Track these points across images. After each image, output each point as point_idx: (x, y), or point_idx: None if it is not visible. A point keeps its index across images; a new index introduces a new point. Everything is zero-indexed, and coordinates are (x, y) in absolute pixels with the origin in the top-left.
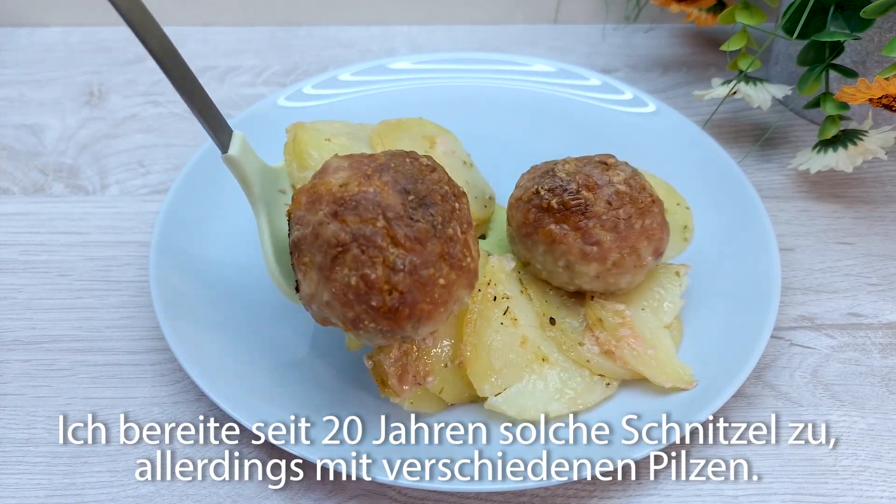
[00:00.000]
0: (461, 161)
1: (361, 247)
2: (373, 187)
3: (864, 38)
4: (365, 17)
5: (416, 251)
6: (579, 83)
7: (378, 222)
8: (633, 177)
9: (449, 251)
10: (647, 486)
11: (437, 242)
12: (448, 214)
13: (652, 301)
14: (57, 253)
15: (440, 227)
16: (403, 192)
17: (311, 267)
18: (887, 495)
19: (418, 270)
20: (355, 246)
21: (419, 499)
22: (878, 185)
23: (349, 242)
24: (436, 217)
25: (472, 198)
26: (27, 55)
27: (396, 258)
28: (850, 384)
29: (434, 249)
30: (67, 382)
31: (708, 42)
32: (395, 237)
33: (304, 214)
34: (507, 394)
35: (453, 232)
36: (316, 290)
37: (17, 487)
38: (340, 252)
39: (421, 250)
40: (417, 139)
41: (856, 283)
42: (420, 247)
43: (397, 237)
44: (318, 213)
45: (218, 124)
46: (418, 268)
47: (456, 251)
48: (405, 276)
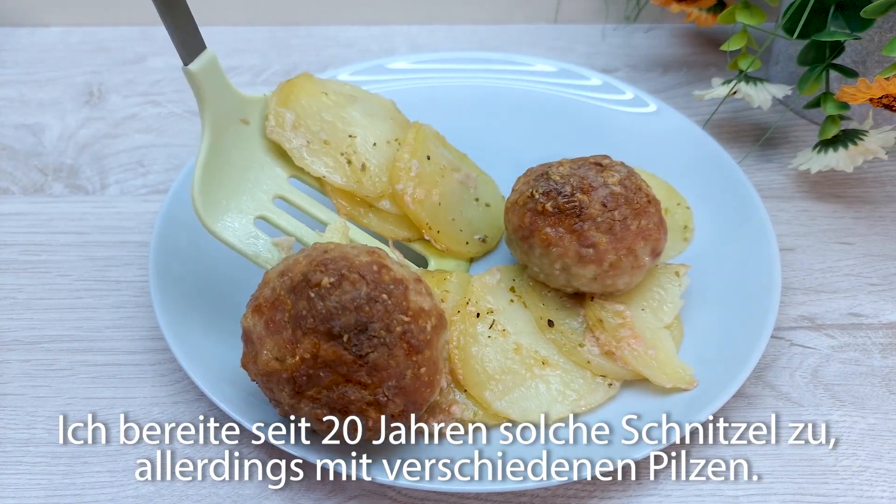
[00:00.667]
0: (472, 198)
1: (342, 411)
2: (307, 354)
3: (865, 37)
4: (365, 16)
5: (385, 377)
6: (580, 83)
7: (339, 383)
8: (628, 177)
9: (409, 343)
10: (647, 486)
11: (396, 350)
12: (385, 315)
13: (652, 301)
14: (57, 253)
15: (388, 336)
16: (336, 336)
17: (320, 418)
18: (887, 495)
19: (400, 385)
20: (336, 413)
21: (419, 499)
22: (878, 185)
23: (329, 413)
24: (379, 333)
25: (457, 230)
26: (27, 55)
27: (376, 396)
28: (851, 384)
29: (398, 358)
30: (67, 382)
31: (708, 42)
32: (361, 383)
33: (270, 392)
34: (510, 398)
35: (401, 326)
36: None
37: (17, 487)
38: (330, 427)
39: (388, 373)
40: (441, 163)
41: (856, 283)
42: (385, 371)
43: (364, 382)
44: (283, 394)
45: (190, 38)
46: (398, 384)
47: (415, 336)
48: (394, 400)
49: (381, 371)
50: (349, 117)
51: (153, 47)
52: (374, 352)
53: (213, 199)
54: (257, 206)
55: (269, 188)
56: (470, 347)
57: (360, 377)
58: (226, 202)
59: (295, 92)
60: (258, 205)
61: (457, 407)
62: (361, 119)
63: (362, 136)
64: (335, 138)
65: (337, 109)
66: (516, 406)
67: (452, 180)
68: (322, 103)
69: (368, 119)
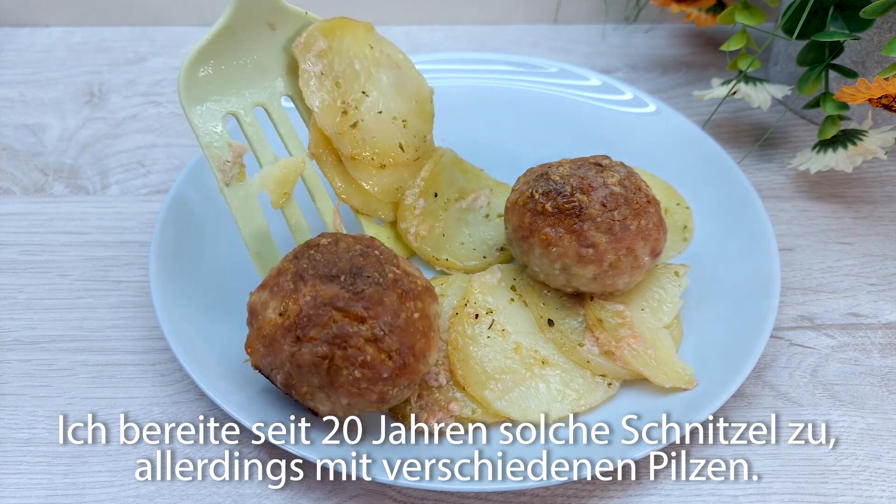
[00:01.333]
0: (482, 216)
1: (341, 346)
2: (307, 296)
3: (864, 38)
4: (365, 17)
5: (381, 311)
6: (579, 83)
7: (336, 317)
8: (627, 177)
9: (402, 289)
10: (647, 486)
11: (389, 292)
12: (378, 265)
13: (652, 301)
14: (57, 253)
15: (381, 279)
16: (333, 278)
17: (313, 392)
18: (887, 495)
19: (395, 324)
20: (336, 349)
21: (419, 498)
22: (877, 185)
23: (328, 351)
24: (373, 275)
25: (470, 249)
26: (27, 55)
27: (373, 330)
28: (850, 384)
29: (392, 299)
30: (67, 382)
31: (708, 42)
32: (357, 316)
33: (272, 358)
34: (510, 397)
35: (392, 274)
36: (333, 404)
37: (18, 487)
38: (329, 363)
39: (383, 308)
40: (448, 196)
41: (855, 283)
42: (380, 307)
43: (359, 315)
44: (284, 349)
45: None
46: (394, 321)
47: (406, 284)
48: (390, 337)
49: (377, 306)
50: (377, 77)
51: (153, 47)
52: (370, 288)
53: (201, 81)
54: (237, 103)
55: (257, 94)
56: (469, 348)
57: (357, 310)
58: (212, 88)
59: (343, 30)
60: (239, 102)
61: (456, 405)
62: (387, 86)
63: (373, 100)
64: (349, 86)
65: (371, 65)
66: (516, 406)
67: (456, 209)
68: (362, 53)
69: (393, 89)
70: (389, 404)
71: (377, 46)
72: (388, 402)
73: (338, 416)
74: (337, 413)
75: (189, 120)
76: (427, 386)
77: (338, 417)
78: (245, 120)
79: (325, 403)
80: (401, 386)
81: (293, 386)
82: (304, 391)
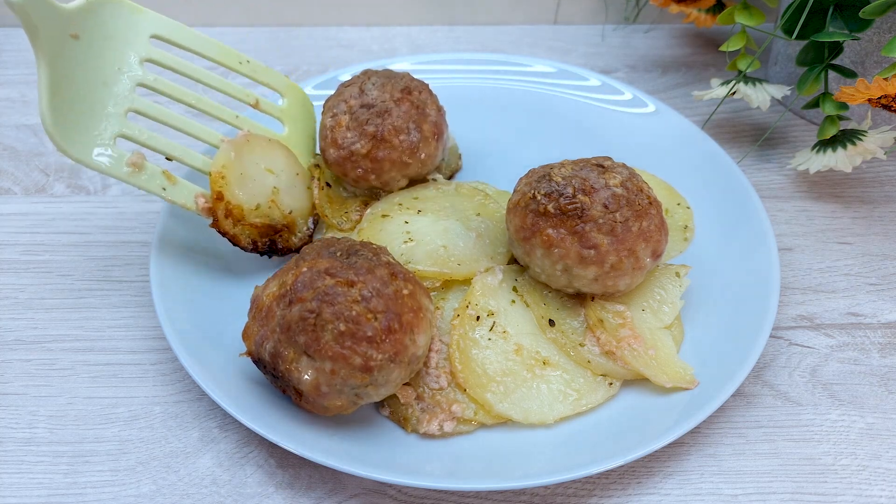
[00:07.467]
0: (475, 232)
1: (329, 302)
2: (304, 267)
3: (864, 38)
4: (365, 17)
5: (371, 279)
6: (579, 84)
7: (327, 280)
8: (629, 179)
9: (394, 271)
10: (647, 485)
11: (381, 268)
12: (372, 253)
13: (652, 302)
14: (58, 253)
15: (375, 259)
16: (331, 254)
17: (298, 357)
18: (886, 494)
19: (384, 290)
20: (325, 306)
21: (419, 498)
22: (877, 184)
23: (317, 308)
24: (367, 254)
25: (493, 251)
26: (28, 55)
27: (361, 291)
28: (849, 384)
29: (383, 272)
30: (69, 382)
31: (707, 42)
32: (347, 280)
33: (265, 329)
34: (511, 399)
35: (387, 259)
36: (316, 372)
37: (19, 487)
38: (315, 318)
39: (373, 277)
40: (466, 206)
41: (855, 282)
42: (371, 275)
43: (350, 279)
44: (276, 315)
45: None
46: (382, 289)
47: (399, 269)
48: (377, 299)
49: (367, 273)
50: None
51: None
52: (362, 261)
53: (70, 124)
54: (115, 123)
55: (120, 101)
56: (470, 350)
57: (348, 275)
58: (83, 124)
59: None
60: (115, 118)
61: (457, 406)
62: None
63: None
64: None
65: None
66: (518, 407)
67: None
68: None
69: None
70: (374, 379)
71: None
72: (372, 372)
73: (321, 392)
74: (321, 388)
75: (90, 165)
76: (429, 388)
77: (323, 399)
78: (131, 133)
79: (311, 374)
80: (385, 355)
81: (280, 354)
82: (289, 358)
